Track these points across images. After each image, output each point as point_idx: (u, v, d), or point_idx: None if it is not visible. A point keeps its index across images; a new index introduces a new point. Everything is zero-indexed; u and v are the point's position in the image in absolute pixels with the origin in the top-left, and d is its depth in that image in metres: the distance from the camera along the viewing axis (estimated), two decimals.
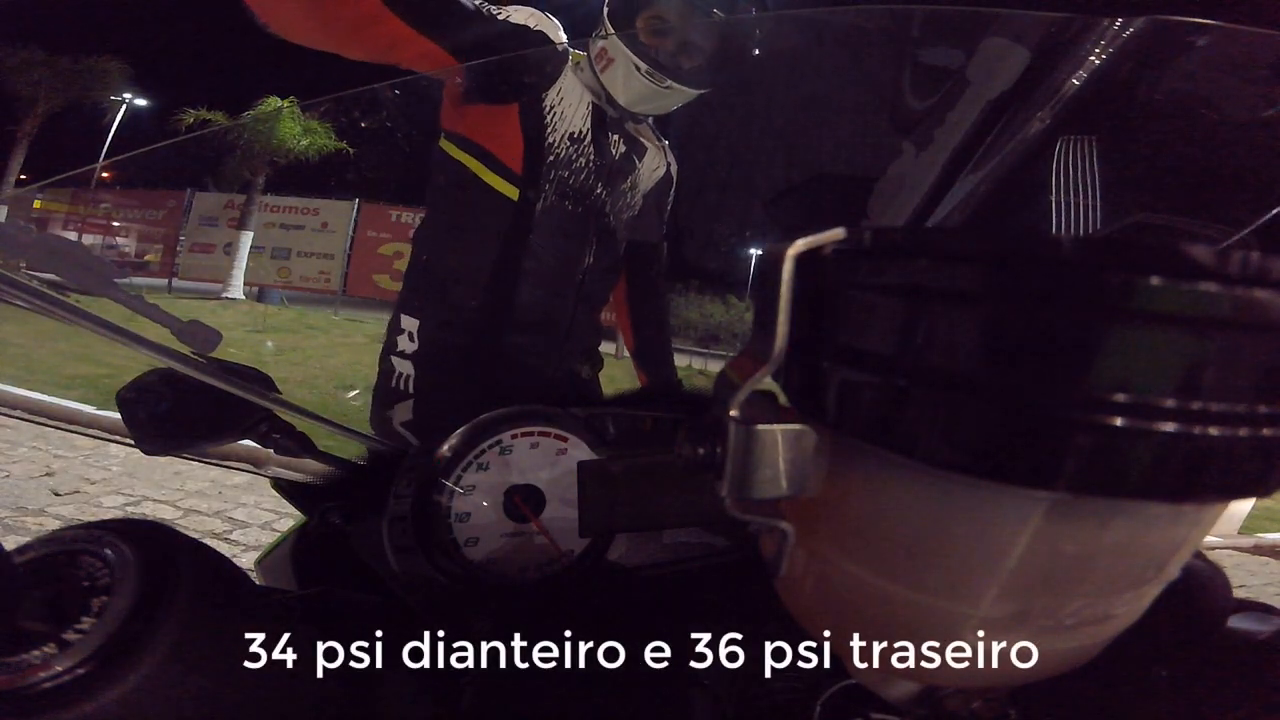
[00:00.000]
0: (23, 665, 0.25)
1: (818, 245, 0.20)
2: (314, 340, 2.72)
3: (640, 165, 1.21)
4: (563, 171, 1.11)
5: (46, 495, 2.79)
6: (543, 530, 0.47)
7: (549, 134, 1.09)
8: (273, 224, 3.96)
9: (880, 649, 0.23)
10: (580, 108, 1.11)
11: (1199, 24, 0.44)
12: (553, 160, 1.10)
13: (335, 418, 0.54)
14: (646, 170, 1.23)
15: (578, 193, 1.13)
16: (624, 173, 1.19)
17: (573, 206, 1.13)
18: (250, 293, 4.80)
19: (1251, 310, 0.14)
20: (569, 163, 1.12)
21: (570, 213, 1.13)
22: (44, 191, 0.83)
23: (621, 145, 1.17)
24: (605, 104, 1.12)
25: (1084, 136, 0.52)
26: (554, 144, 1.10)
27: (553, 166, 1.10)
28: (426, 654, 0.42)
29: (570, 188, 1.12)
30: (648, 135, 1.22)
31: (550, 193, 1.11)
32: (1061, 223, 0.52)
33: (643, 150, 1.21)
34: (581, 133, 1.11)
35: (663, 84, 1.05)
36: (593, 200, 1.15)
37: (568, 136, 1.10)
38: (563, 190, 1.12)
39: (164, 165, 1.91)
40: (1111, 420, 0.15)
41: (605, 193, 1.16)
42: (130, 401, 0.47)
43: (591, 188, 1.14)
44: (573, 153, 1.11)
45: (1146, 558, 0.19)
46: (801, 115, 1.08)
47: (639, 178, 1.22)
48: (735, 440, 0.21)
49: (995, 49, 0.54)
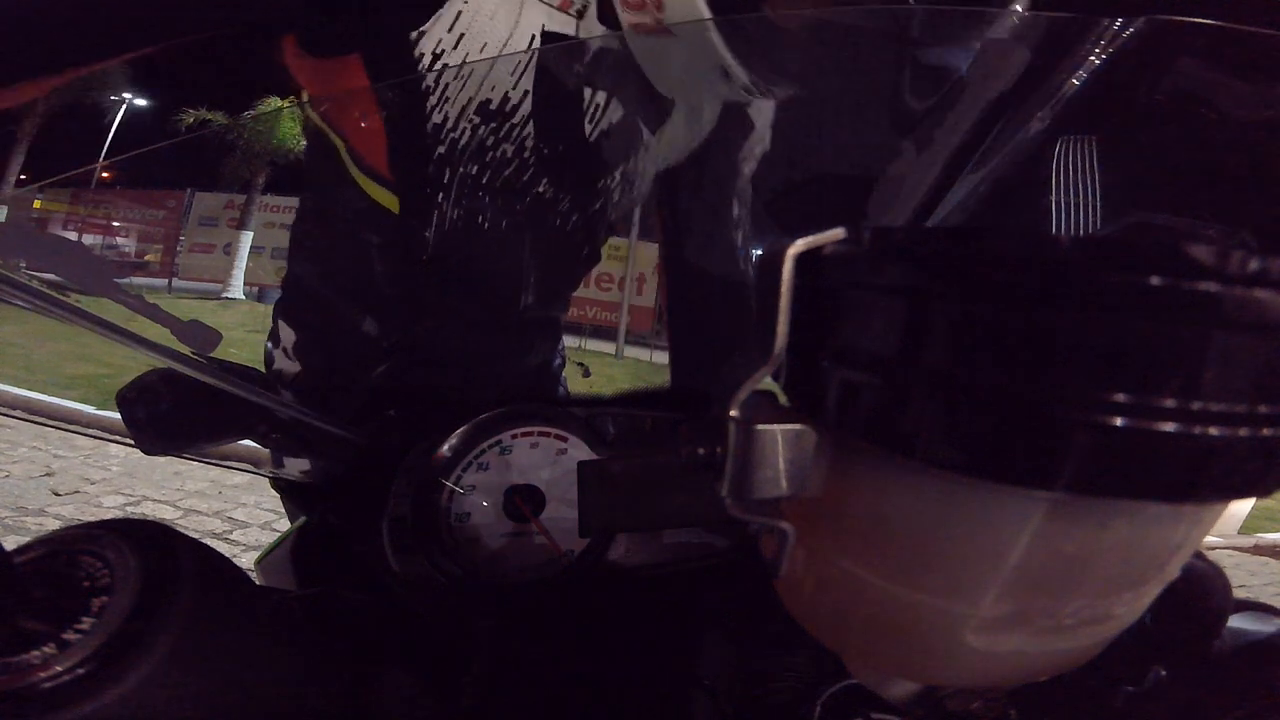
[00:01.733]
0: (23, 665, 0.25)
1: (818, 245, 0.20)
2: None
3: (653, 133, 0.74)
4: (471, 167, 0.66)
5: (46, 495, 2.79)
6: (543, 530, 0.47)
7: (436, 105, 0.62)
8: (273, 224, 3.95)
9: (880, 649, 0.23)
10: (509, 37, 0.62)
11: (1199, 24, 0.44)
12: (446, 153, 0.64)
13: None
14: (674, 136, 0.76)
15: (508, 196, 0.68)
16: (617, 148, 0.73)
17: (503, 219, 0.70)
18: (250, 293, 4.79)
19: (1251, 310, 0.14)
20: (482, 152, 0.65)
21: (501, 229, 0.70)
22: (44, 191, 0.84)
23: (612, 108, 0.69)
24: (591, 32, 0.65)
25: (1084, 136, 0.52)
26: (448, 124, 0.63)
27: (448, 163, 0.65)
28: (427, 654, 0.42)
29: (490, 188, 0.67)
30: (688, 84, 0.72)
31: (453, 203, 0.67)
32: (1061, 222, 0.52)
33: (658, 108, 0.73)
34: (508, 99, 0.63)
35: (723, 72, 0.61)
36: (543, 203, 0.71)
37: (479, 107, 0.63)
38: (475, 197, 0.67)
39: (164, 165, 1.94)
40: (1111, 420, 0.15)
41: (572, 189, 0.72)
42: (130, 401, 0.47)
43: (539, 184, 0.69)
44: (490, 135, 0.65)
45: (1146, 558, 0.19)
46: (802, 115, 0.95)
47: (648, 151, 0.76)
48: (735, 440, 0.21)
49: (995, 49, 0.54)
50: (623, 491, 0.44)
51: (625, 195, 0.79)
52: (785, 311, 0.20)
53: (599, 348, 2.11)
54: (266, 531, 2.75)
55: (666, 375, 0.88)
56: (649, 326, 2.30)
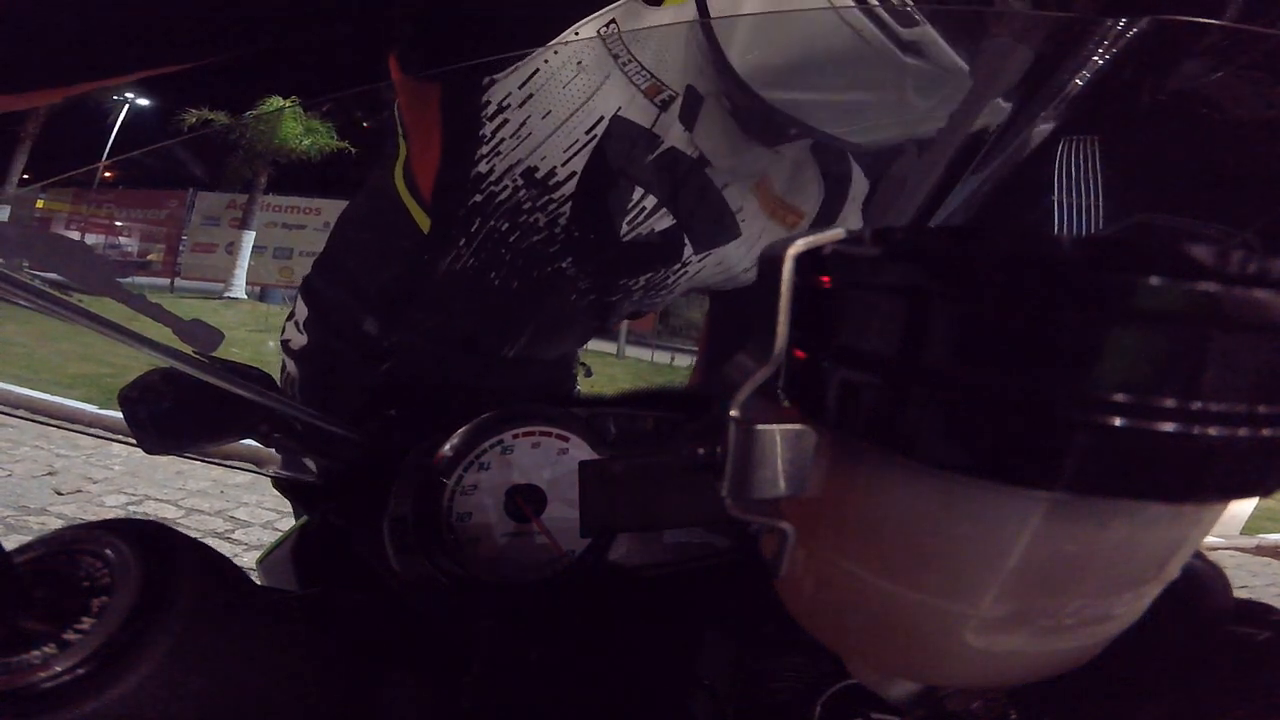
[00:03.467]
0: (23, 665, 0.25)
1: (818, 245, 0.20)
2: None
3: (698, 252, 0.70)
4: (501, 223, 0.64)
5: (49, 494, 2.80)
6: (544, 530, 0.47)
7: (486, 156, 0.61)
8: (275, 223, 3.97)
9: (880, 649, 0.23)
10: (577, 110, 0.59)
11: (1202, 24, 0.44)
12: (481, 203, 0.63)
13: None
14: (727, 264, 0.73)
15: (529, 259, 0.67)
16: (652, 257, 0.70)
17: (515, 280, 0.68)
18: (252, 292, 4.80)
19: (1251, 310, 0.14)
20: (515, 213, 0.63)
21: (512, 289, 0.69)
22: (47, 191, 0.83)
23: (659, 216, 0.66)
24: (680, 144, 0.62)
25: (1087, 137, 0.52)
26: (491, 177, 0.62)
27: (480, 212, 0.64)
28: (427, 654, 0.42)
29: (514, 248, 0.66)
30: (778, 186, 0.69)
31: (473, 251, 0.66)
32: (1063, 223, 0.52)
33: (712, 230, 0.69)
34: (555, 173, 0.61)
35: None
36: (562, 277, 0.69)
37: (525, 171, 0.61)
38: (496, 252, 0.66)
39: (166, 165, 1.94)
40: (1111, 420, 0.15)
41: (595, 275, 0.70)
42: (132, 401, 0.47)
43: (562, 261, 0.67)
44: (529, 200, 0.63)
45: (1146, 558, 0.19)
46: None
47: (685, 269, 0.72)
48: (735, 440, 0.21)
49: (998, 49, 0.54)
50: (624, 491, 0.44)
51: (650, 298, 0.76)
52: (785, 311, 0.20)
53: (600, 348, 2.11)
54: (268, 531, 2.75)
55: (667, 375, 0.88)
56: (650, 327, 2.30)
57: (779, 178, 0.70)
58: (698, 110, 0.61)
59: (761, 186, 0.69)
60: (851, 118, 0.60)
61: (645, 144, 0.62)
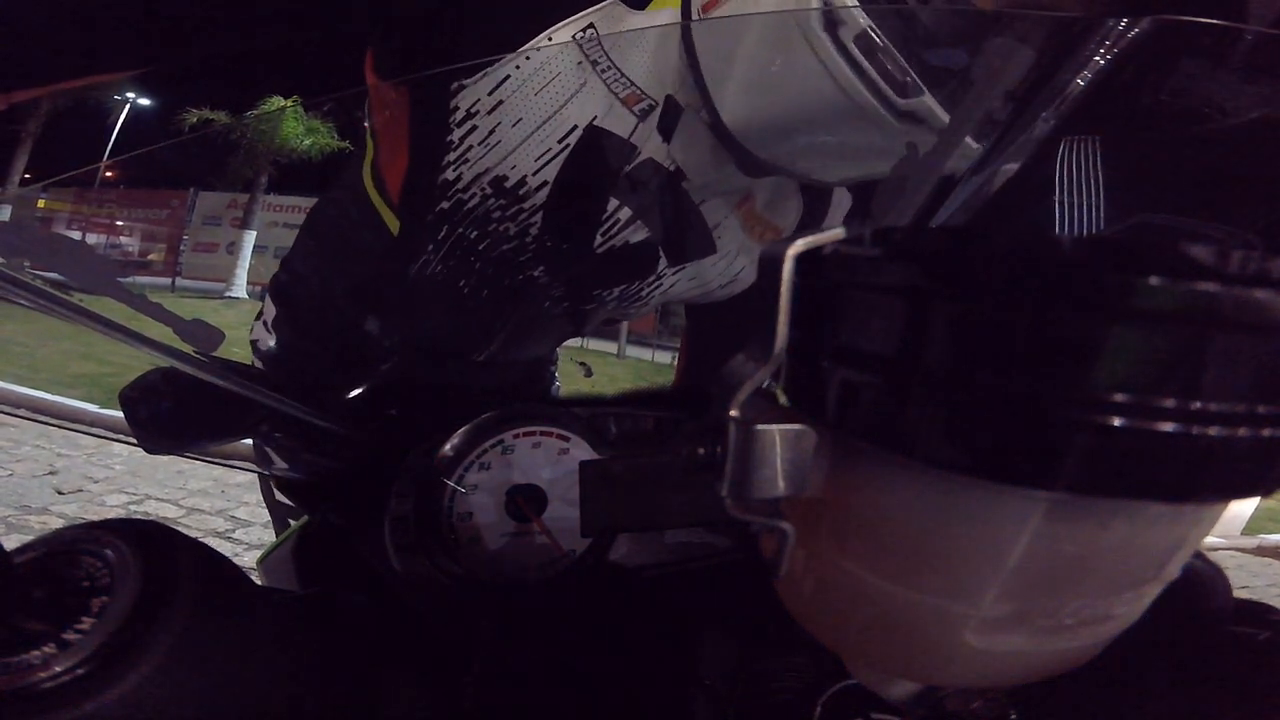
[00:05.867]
0: (23, 665, 0.25)
1: (818, 245, 0.20)
2: None
3: (673, 266, 0.69)
4: (470, 231, 0.63)
5: (50, 494, 2.80)
6: (544, 530, 0.47)
7: (454, 163, 0.59)
8: (276, 223, 3.96)
9: (880, 649, 0.23)
10: (548, 119, 0.57)
11: (1204, 24, 0.44)
12: (450, 209, 0.62)
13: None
14: (701, 279, 0.72)
15: (499, 266, 0.65)
16: (626, 270, 0.68)
17: (485, 288, 0.67)
18: (254, 292, 4.79)
19: (1251, 310, 0.14)
20: (485, 221, 0.62)
21: (481, 296, 0.67)
22: (48, 191, 0.84)
23: (634, 229, 0.64)
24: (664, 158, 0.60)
25: (1088, 137, 0.51)
26: (459, 184, 0.60)
27: (449, 219, 0.62)
28: (427, 654, 0.42)
29: (484, 256, 0.64)
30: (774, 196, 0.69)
31: (442, 256, 0.65)
32: (1064, 223, 0.52)
33: (688, 243, 0.68)
34: (525, 182, 0.59)
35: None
36: (534, 285, 0.67)
37: (494, 180, 0.59)
38: (465, 259, 0.65)
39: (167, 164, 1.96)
40: (1111, 420, 0.15)
41: (568, 284, 0.69)
42: (133, 400, 0.47)
43: (534, 269, 0.66)
44: (498, 209, 0.61)
45: (1146, 558, 0.19)
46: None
47: (660, 282, 0.71)
48: (735, 440, 0.21)
49: (1000, 49, 0.54)
50: (625, 491, 0.44)
51: (624, 307, 0.75)
52: (785, 311, 0.20)
53: (601, 347, 2.10)
54: (269, 530, 2.74)
55: (668, 375, 0.88)
56: (650, 327, 2.30)
57: (760, 195, 0.69)
58: (676, 121, 0.59)
59: (744, 205, 0.68)
60: (839, 169, 0.60)
61: (622, 155, 0.60)
